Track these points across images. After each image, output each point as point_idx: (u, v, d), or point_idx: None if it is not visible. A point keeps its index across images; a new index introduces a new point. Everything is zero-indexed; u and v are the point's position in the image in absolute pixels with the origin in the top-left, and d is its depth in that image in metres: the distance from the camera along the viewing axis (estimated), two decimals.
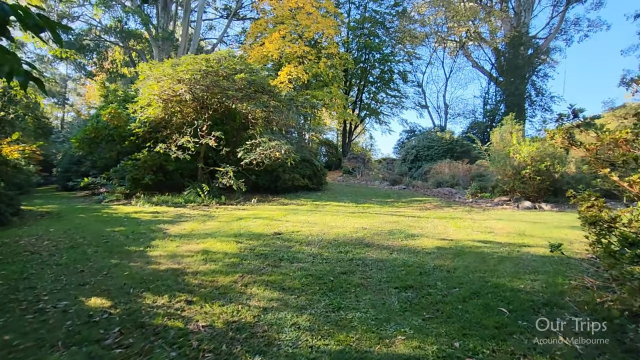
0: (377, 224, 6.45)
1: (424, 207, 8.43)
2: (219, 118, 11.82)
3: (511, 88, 22.33)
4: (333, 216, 7.28)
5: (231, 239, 5.56)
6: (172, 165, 10.95)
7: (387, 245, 5.03)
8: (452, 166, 12.85)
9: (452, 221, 6.57)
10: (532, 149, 7.99)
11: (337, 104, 23.17)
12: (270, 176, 11.51)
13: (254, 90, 10.09)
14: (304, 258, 4.54)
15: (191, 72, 9.15)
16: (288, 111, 11.11)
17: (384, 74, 27.24)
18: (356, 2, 26.27)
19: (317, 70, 20.84)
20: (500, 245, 4.78)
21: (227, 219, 7.32)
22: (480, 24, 23.63)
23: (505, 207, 8.22)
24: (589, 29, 27.32)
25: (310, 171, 11.61)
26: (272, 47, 20.22)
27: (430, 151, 15.72)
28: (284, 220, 6.98)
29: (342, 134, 29.89)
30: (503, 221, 6.42)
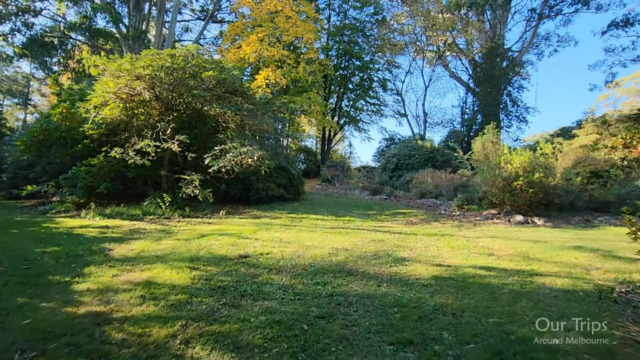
0: (360, 243, 5.56)
1: (410, 222, 7.64)
2: (187, 121, 10.70)
3: (488, 98, 22.29)
4: (310, 233, 6.34)
5: (185, 264, 4.52)
6: (133, 172, 9.72)
7: (374, 273, 4.14)
8: (435, 176, 12.23)
9: (444, 239, 5.77)
10: (524, 159, 7.40)
11: (316, 110, 22.39)
12: (242, 185, 10.46)
13: (224, 90, 9.07)
14: (271, 293, 3.58)
15: (152, 68, 8.05)
16: (263, 115, 10.15)
17: (363, 82, 26.79)
18: (336, 8, 25.79)
19: (296, 75, 20.02)
20: (506, 273, 3.99)
21: (188, 235, 6.24)
22: (458, 35, 23.60)
23: (495, 221, 7.56)
24: (558, 44, 28.01)
25: (286, 180, 10.65)
26: (249, 49, 19.25)
27: (412, 160, 15.11)
28: (253, 238, 5.97)
29: (321, 141, 29.14)
30: (499, 240, 5.69)
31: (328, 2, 25.34)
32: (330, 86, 26.81)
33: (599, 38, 28.76)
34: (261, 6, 20.94)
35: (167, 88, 8.87)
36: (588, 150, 10.20)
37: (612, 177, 8.56)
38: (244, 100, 9.95)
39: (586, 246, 5.07)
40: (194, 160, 8.92)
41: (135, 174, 9.85)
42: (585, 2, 26.20)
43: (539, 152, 7.69)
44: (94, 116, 8.77)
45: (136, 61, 8.17)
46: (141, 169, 9.58)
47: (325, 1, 25.51)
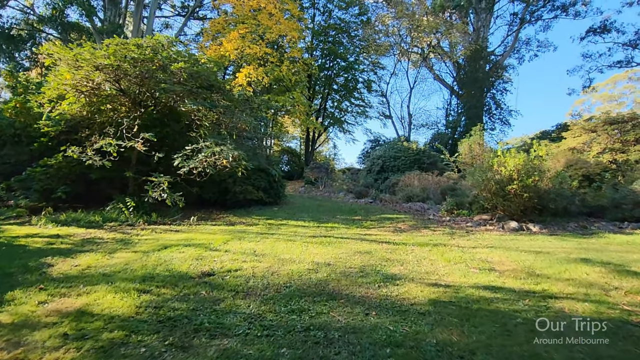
0: (345, 255, 4.87)
1: (398, 229, 7.01)
2: (159, 119, 9.79)
3: (472, 101, 22.10)
4: (288, 243, 5.61)
5: (135, 285, 3.72)
6: (97, 174, 8.77)
7: (361, 296, 3.45)
8: (421, 178, 11.71)
9: (437, 250, 5.15)
10: (518, 161, 6.89)
11: (300, 111, 21.66)
12: (218, 188, 9.63)
13: (198, 85, 8.26)
14: (234, 326, 2.84)
15: (115, 58, 7.17)
16: (241, 113, 9.36)
17: (348, 82, 26.25)
18: (321, 8, 25.15)
19: (279, 74, 19.24)
20: (515, 295, 3.37)
21: (148, 247, 5.41)
22: (442, 37, 23.36)
23: (488, 227, 7.02)
24: (538, 49, 28.33)
25: (265, 182, 9.87)
26: (231, 46, 18.36)
27: (397, 162, 14.58)
28: (223, 249, 5.20)
29: (305, 143, 28.42)
30: (498, 250, 5.10)
31: (312, 1, 24.68)
32: (314, 87, 26.15)
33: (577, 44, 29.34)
34: (244, 2, 20.10)
35: (134, 81, 8.00)
36: (577, 153, 9.88)
37: (605, 181, 8.23)
38: (220, 97, 9.15)
39: (594, 259, 4.54)
40: (165, 161, 8.08)
41: (99, 176, 8.90)
42: (564, 8, 26.49)
43: (532, 154, 7.22)
44: (48, 111, 7.80)
45: (97, 50, 7.26)
46: (106, 170, 8.69)
47: (309, 0, 24.84)
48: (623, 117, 10.20)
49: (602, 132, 10.06)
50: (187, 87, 7.77)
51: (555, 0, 26.27)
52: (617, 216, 7.38)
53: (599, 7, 27.32)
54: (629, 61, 26.51)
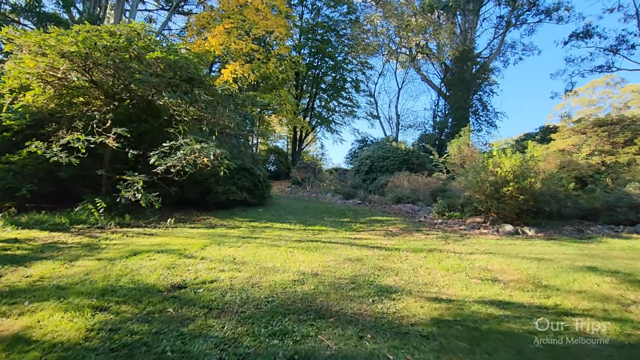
0: (333, 263, 4.41)
1: (389, 232, 6.60)
2: (136, 113, 9.15)
3: (460, 102, 22.03)
4: (272, 248, 5.12)
5: (92, 301, 3.18)
6: (67, 172, 8.10)
7: (353, 313, 3.00)
8: (411, 179, 11.37)
9: (433, 257, 4.74)
10: (514, 162, 6.58)
11: (287, 109, 21.15)
12: (199, 188, 9.04)
13: (177, 77, 7.67)
14: (203, 354, 2.35)
15: (83, 45, 6.52)
16: (224, 108, 8.80)
17: (336, 82, 25.86)
18: (309, 5, 24.66)
19: (265, 71, 18.67)
20: (526, 311, 2.98)
21: (116, 253, 4.84)
22: (430, 38, 23.22)
23: (483, 231, 6.69)
24: (523, 53, 28.71)
25: (249, 182, 9.33)
26: (216, 41, 17.67)
27: (386, 162, 14.24)
28: (200, 256, 4.67)
29: (292, 142, 27.90)
30: (497, 257, 4.74)
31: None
32: (302, 85, 25.67)
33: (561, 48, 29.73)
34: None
35: (106, 72, 7.35)
36: (566, 155, 9.72)
37: (598, 183, 8.05)
38: (201, 91, 8.57)
39: (600, 267, 4.22)
40: (144, 159, 7.47)
41: (69, 174, 8.23)
42: (547, 13, 26.84)
43: (528, 155, 6.93)
44: (9, 103, 7.08)
45: (63, 36, 6.59)
46: (77, 168, 8.02)
47: None
48: (612, 120, 10.13)
49: (592, 133, 9.93)
50: (165, 79, 7.18)
51: (540, 5, 26.62)
52: (612, 219, 7.18)
53: (581, 13, 27.74)
54: (610, 66, 27.03)
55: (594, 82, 52.12)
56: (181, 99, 7.68)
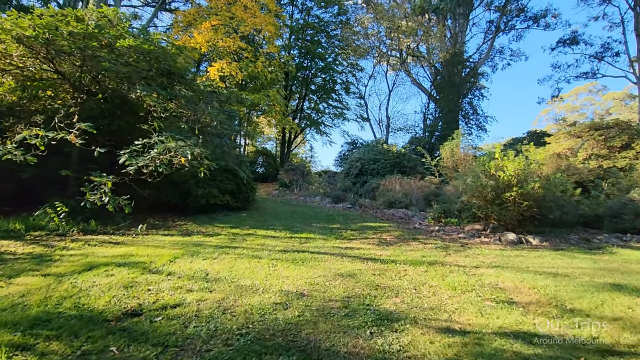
0: (323, 280, 3.77)
1: (384, 240, 5.99)
2: (109, 109, 8.36)
3: (450, 105, 21.74)
4: (252, 261, 4.44)
5: (14, 336, 2.48)
6: (28, 172, 7.30)
7: (348, 352, 2.36)
8: (403, 183, 10.83)
9: (435, 272, 4.15)
10: (518, 166, 6.07)
11: (276, 110, 20.47)
12: (178, 191, 8.29)
13: (153, 69, 6.95)
14: None
15: (43, 30, 5.75)
16: (206, 105, 8.08)
17: (326, 83, 25.30)
18: (299, 5, 24.08)
19: (254, 70, 17.96)
20: (560, 348, 2.40)
21: (68, 267, 4.09)
22: (420, 41, 22.92)
23: (484, 240, 6.15)
24: (511, 58, 28.79)
25: (233, 185, 8.61)
26: (202, 38, 16.90)
27: (377, 165, 13.69)
28: (166, 271, 3.97)
29: (280, 144, 27.19)
30: (506, 271, 4.18)
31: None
32: (291, 86, 25.01)
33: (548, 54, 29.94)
34: None
35: (73, 62, 6.58)
36: (563, 159, 9.35)
37: (599, 189, 7.66)
38: (181, 86, 7.86)
39: (625, 285, 3.69)
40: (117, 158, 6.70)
41: (31, 174, 7.42)
42: (535, 19, 26.91)
43: (532, 158, 6.45)
44: None
45: (21, 19, 5.80)
46: (42, 167, 7.23)
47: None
48: (608, 123, 9.83)
49: (588, 137, 9.59)
50: (137, 69, 6.44)
51: (528, 11, 26.68)
52: (617, 227, 6.77)
53: (568, 20, 27.91)
54: (595, 73, 27.14)
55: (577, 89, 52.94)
56: (157, 93, 6.95)
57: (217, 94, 9.26)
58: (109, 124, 8.24)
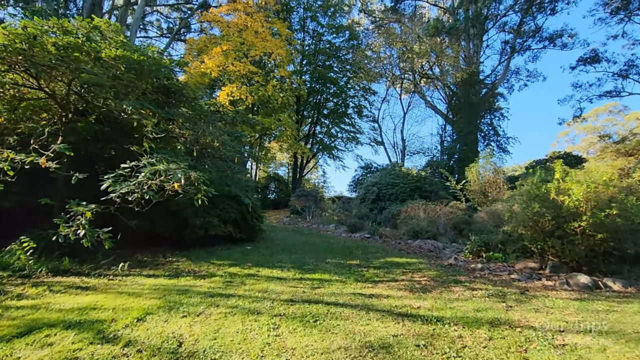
0: (344, 357, 2.55)
1: (417, 284, 4.72)
2: (102, 131, 7.59)
3: (469, 126, 20.59)
4: (247, 320, 3.26)
5: None
6: (12, 201, 6.50)
7: None
8: (428, 209, 9.57)
9: (503, 339, 2.87)
10: (590, 188, 4.82)
11: (288, 134, 19.74)
12: (175, 221, 7.27)
13: (146, 83, 6.14)
14: None
15: (19, 37, 5.02)
16: (207, 125, 7.21)
17: (338, 107, 24.66)
18: (310, 31, 23.92)
19: (264, 94, 17.38)
20: None
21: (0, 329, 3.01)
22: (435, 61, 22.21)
23: (546, 283, 4.80)
24: (528, 79, 27.77)
25: (236, 213, 7.54)
26: (212, 63, 16.55)
27: (395, 189, 12.48)
28: (126, 338, 2.82)
29: (292, 169, 26.34)
30: (610, 340, 2.86)
31: (302, 24, 23.49)
32: (303, 111, 24.44)
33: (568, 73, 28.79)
34: (230, 25, 18.59)
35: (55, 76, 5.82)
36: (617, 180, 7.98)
37: None
38: (179, 103, 7.04)
39: None
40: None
41: (14, 203, 6.58)
42: (551, 40, 26.04)
43: (601, 179, 5.17)
44: None
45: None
46: (27, 195, 6.45)
47: (299, 23, 23.66)
48: None
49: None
50: (124, 82, 5.60)
51: (543, 32, 25.88)
52: None
53: (586, 39, 26.94)
54: (620, 91, 25.75)
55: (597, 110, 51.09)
56: (150, 110, 6.10)
57: (222, 114, 8.43)
58: (102, 148, 7.43)
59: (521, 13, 24.37)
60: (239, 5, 18.72)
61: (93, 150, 7.53)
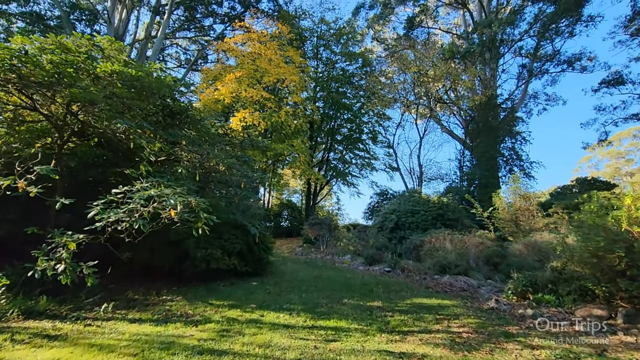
0: None
1: (457, 336, 3.77)
2: (104, 155, 7.17)
3: (490, 150, 19.65)
4: None
5: None
6: (3, 229, 6.09)
7: None
8: (454, 240, 8.58)
9: None
10: None
11: (301, 160, 19.23)
12: (175, 252, 6.55)
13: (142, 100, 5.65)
14: None
15: (10, 52, 4.64)
16: (212, 147, 6.64)
17: (352, 133, 24.22)
18: (324, 59, 24.02)
19: (277, 120, 17.07)
20: None
21: None
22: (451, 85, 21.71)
23: (623, 338, 3.76)
24: (547, 103, 26.91)
25: (242, 244, 6.77)
26: (226, 90, 16.47)
27: (416, 217, 11.52)
28: None
29: (305, 196, 25.63)
30: None
31: (315, 51, 23.66)
32: (316, 138, 24.07)
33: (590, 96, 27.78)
34: (244, 51, 18.78)
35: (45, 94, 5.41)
36: None
37: None
38: (183, 124, 6.53)
39: None
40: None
41: (6, 231, 6.13)
42: (569, 63, 25.36)
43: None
44: None
45: None
46: (21, 224, 5.91)
47: (312, 51, 23.85)
48: None
49: None
50: (119, 99, 5.11)
51: (561, 55, 25.26)
52: None
53: (606, 62, 25.97)
54: None
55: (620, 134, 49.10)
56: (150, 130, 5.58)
57: (230, 137, 7.89)
58: (103, 173, 6.94)
59: (537, 37, 23.95)
60: (253, 34, 18.98)
61: (94, 175, 7.05)
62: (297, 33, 22.11)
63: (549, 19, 21.72)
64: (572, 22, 22.13)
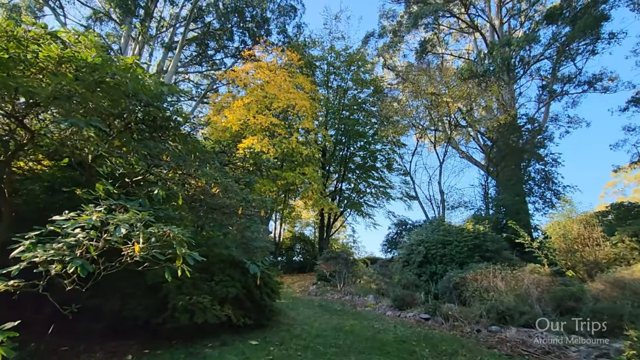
0: None
1: None
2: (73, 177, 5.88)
3: (516, 173, 17.85)
4: None
5: None
6: None
7: None
8: (507, 278, 6.73)
9: None
10: None
11: (313, 189, 17.77)
12: (152, 299, 4.97)
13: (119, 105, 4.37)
14: None
15: None
16: (202, 164, 5.26)
17: (365, 161, 22.85)
18: (334, 87, 23.28)
19: (287, 146, 15.89)
20: None
21: None
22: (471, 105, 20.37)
23: None
24: (569, 125, 25.34)
25: (237, 288, 5.13)
26: (233, 117, 15.54)
27: (448, 249, 9.68)
28: None
29: (319, 228, 23.88)
30: None
31: (326, 79, 23.01)
32: (328, 168, 22.74)
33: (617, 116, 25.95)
34: (252, 77, 18.16)
35: None
36: None
37: None
38: (166, 135, 5.22)
39: None
40: None
41: None
42: (590, 84, 24.02)
43: None
44: None
45: None
46: None
47: (323, 80, 23.21)
48: None
49: None
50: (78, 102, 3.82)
51: (581, 76, 23.95)
52: None
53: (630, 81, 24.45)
54: None
55: None
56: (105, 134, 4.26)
57: (228, 155, 6.55)
58: (69, 199, 5.58)
59: (555, 57, 22.81)
60: (262, 63, 18.44)
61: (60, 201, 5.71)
62: (306, 61, 21.58)
63: (567, 38, 20.66)
64: (592, 41, 21.00)
